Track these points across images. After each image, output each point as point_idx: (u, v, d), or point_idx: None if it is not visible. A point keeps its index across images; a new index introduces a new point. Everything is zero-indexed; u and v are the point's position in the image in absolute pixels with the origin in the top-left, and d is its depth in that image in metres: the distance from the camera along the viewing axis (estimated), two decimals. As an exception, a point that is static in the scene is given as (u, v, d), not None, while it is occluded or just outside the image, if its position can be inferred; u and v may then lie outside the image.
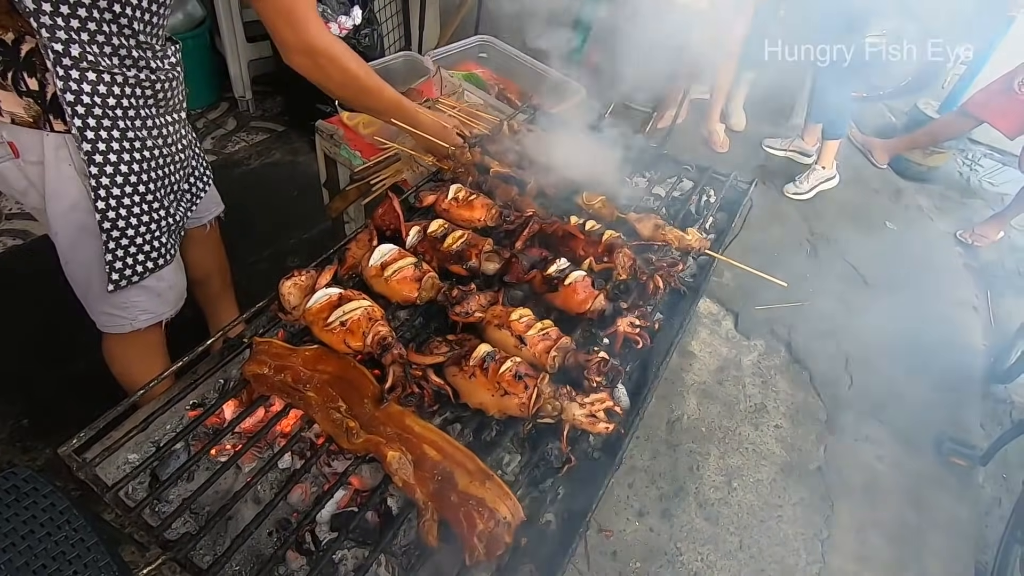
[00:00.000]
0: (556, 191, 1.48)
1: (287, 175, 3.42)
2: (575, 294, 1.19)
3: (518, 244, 1.29)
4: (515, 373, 1.00)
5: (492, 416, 1.04)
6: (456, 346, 1.08)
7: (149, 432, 1.09)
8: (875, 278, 3.47)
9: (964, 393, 3.01)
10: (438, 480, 0.93)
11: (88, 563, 1.06)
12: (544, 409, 0.99)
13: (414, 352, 1.07)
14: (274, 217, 3.12)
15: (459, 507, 0.90)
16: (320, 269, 1.19)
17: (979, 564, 2.38)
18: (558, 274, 1.21)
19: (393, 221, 1.27)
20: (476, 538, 0.86)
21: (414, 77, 2.41)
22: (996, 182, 4.31)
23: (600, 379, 1.06)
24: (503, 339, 1.11)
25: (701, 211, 1.57)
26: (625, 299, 1.21)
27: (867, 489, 2.56)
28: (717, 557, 2.25)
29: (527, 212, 1.36)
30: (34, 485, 1.11)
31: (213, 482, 0.98)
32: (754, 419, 2.73)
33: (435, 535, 0.88)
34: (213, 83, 3.67)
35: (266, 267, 2.90)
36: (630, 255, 1.27)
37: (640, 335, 1.14)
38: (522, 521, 0.90)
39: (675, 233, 1.37)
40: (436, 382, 1.04)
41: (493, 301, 1.17)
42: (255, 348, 1.10)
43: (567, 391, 1.00)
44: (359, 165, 2.14)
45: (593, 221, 1.34)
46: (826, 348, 3.06)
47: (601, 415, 1.00)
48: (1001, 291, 3.58)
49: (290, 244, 3.03)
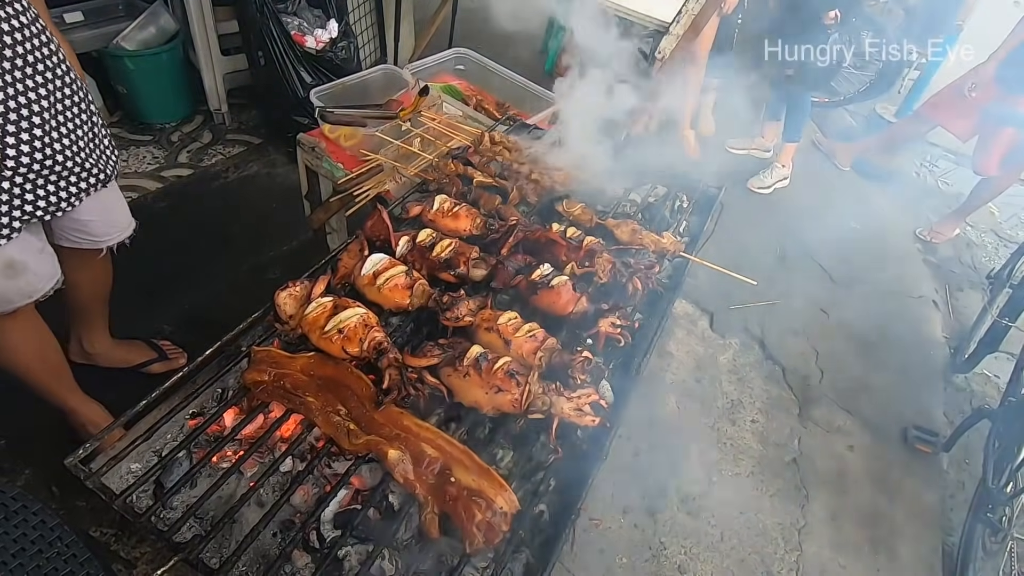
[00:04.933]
0: (537, 199, 1.54)
1: (265, 187, 3.41)
2: (559, 297, 1.25)
3: (503, 251, 1.35)
4: (507, 371, 1.06)
5: (485, 414, 1.10)
6: (448, 349, 1.13)
7: (151, 442, 1.11)
8: (841, 276, 3.62)
9: (927, 383, 3.15)
10: (437, 476, 0.98)
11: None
12: (535, 404, 1.05)
13: (409, 355, 1.12)
14: (253, 230, 3.10)
15: (458, 500, 0.95)
16: (314, 279, 1.23)
17: (946, 545, 2.49)
18: (542, 279, 1.27)
19: (383, 232, 1.32)
20: (475, 528, 0.92)
21: (393, 89, 2.46)
22: (951, 182, 4.51)
23: (585, 376, 1.12)
24: (493, 341, 1.17)
25: (675, 215, 1.65)
26: (606, 301, 1.28)
27: (839, 478, 2.66)
28: (700, 550, 2.32)
29: (511, 220, 1.42)
30: (23, 503, 1.10)
31: (218, 487, 1.01)
32: (731, 415, 2.82)
33: (437, 527, 0.94)
34: (188, 96, 3.65)
35: (246, 280, 2.89)
36: (609, 259, 1.34)
37: (621, 334, 1.21)
38: (518, 511, 0.95)
39: (651, 237, 1.44)
40: (432, 382, 1.10)
41: (482, 306, 1.23)
42: (254, 357, 1.14)
43: (555, 387, 1.07)
44: (341, 177, 2.17)
45: (573, 228, 1.41)
46: (797, 344, 3.17)
47: (587, 409, 1.07)
48: (959, 285, 3.76)
49: (269, 256, 3.02)
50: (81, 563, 1.06)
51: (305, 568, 1.00)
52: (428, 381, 1.10)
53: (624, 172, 1.87)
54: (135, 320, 2.22)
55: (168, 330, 2.53)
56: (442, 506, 0.96)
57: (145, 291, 2.61)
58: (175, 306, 2.63)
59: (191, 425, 1.15)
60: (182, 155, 3.49)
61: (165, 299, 2.65)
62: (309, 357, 1.14)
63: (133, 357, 2.24)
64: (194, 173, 3.38)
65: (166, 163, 3.36)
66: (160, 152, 3.42)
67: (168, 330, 2.53)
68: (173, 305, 2.63)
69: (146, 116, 3.52)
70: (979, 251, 4.13)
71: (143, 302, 2.53)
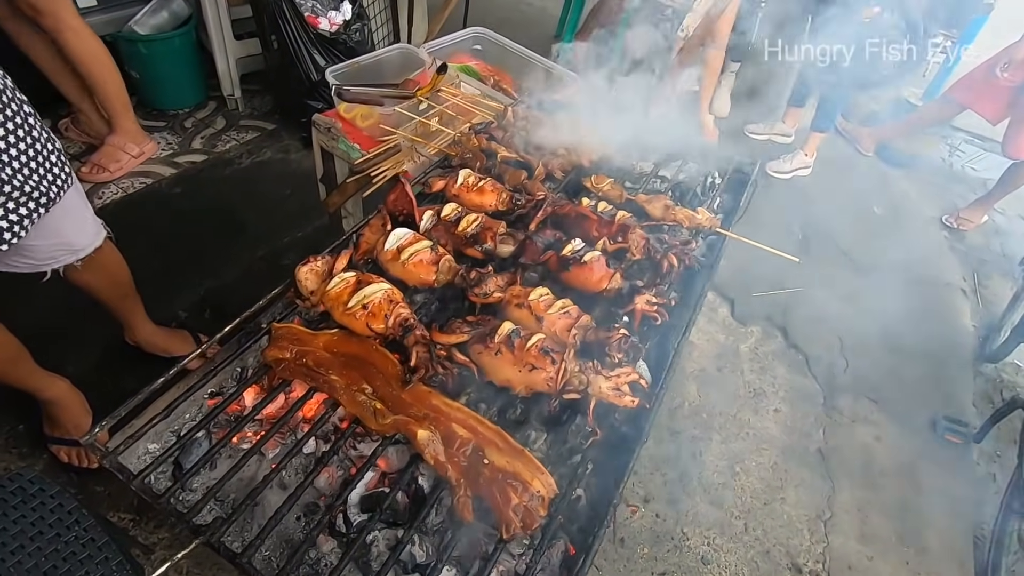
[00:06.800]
0: (564, 175, 1.48)
1: (279, 173, 3.38)
2: (592, 273, 1.19)
3: (532, 226, 1.30)
4: (542, 348, 1.01)
5: (517, 394, 1.04)
6: (478, 326, 1.08)
7: (169, 422, 1.07)
8: (866, 263, 3.53)
9: (955, 373, 3.07)
10: (469, 458, 0.93)
11: (100, 562, 1.03)
12: (571, 383, 0.99)
13: (438, 331, 1.06)
14: (267, 216, 3.08)
15: (492, 483, 0.90)
16: (335, 254, 1.18)
17: (977, 539, 2.42)
18: (574, 254, 1.21)
19: (406, 206, 1.27)
20: (512, 512, 0.86)
21: (409, 69, 2.39)
22: (978, 168, 4.39)
23: (621, 355, 1.06)
24: (524, 318, 1.11)
25: (707, 193, 1.58)
26: (641, 277, 1.22)
27: (866, 468, 2.59)
28: (723, 541, 2.26)
29: (538, 195, 1.36)
30: (40, 486, 1.08)
31: (239, 469, 0.97)
32: (753, 404, 2.75)
33: (471, 511, 0.88)
34: (200, 82, 3.61)
35: (261, 267, 2.86)
36: (643, 235, 1.27)
37: (658, 312, 1.15)
38: (556, 495, 0.90)
39: (685, 212, 1.38)
40: (461, 360, 1.04)
41: (511, 282, 1.17)
42: (275, 333, 1.09)
43: (593, 365, 1.01)
44: (358, 158, 2.12)
45: (604, 203, 1.35)
46: (820, 333, 3.09)
47: (626, 388, 1.01)
48: (988, 273, 3.66)
49: (284, 243, 2.99)
50: (99, 547, 1.03)
51: (331, 553, 0.96)
52: (457, 359, 1.05)
53: (649, 149, 1.81)
54: (150, 306, 2.20)
55: (184, 316, 2.52)
56: (475, 489, 0.91)
57: (160, 277, 2.58)
58: (190, 292, 2.62)
59: (210, 405, 1.10)
60: (196, 141, 3.46)
61: (180, 285, 2.64)
62: (332, 334, 1.09)
63: (174, 348, 2.23)
64: (208, 159, 3.36)
65: (180, 149, 3.34)
66: (174, 138, 3.40)
67: (184, 316, 2.52)
68: (188, 291, 2.62)
69: (159, 103, 3.50)
70: (1008, 238, 4.02)
71: (158, 288, 2.50)
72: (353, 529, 0.95)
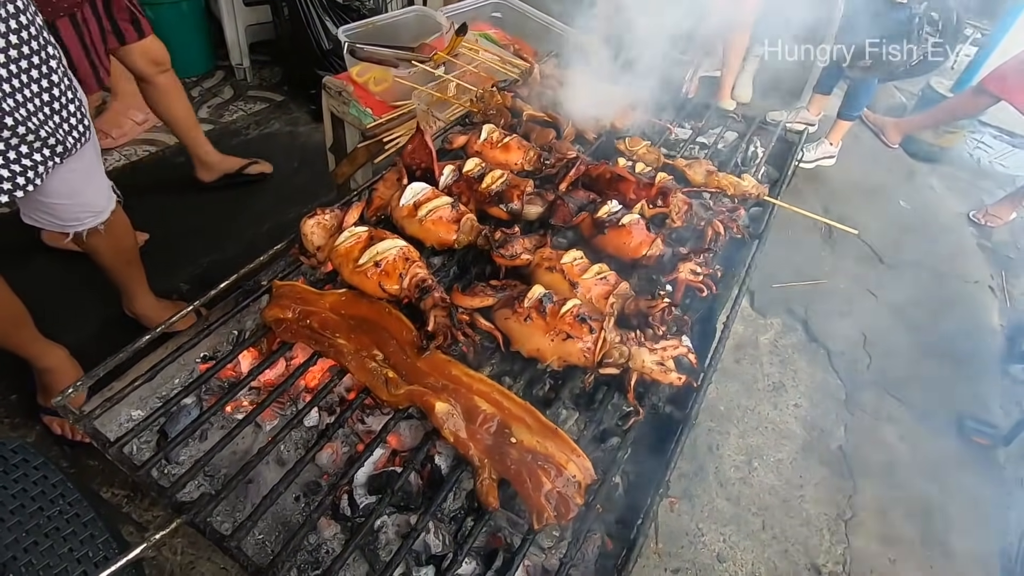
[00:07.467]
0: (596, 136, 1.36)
1: (287, 146, 3.29)
2: (630, 237, 1.07)
3: (562, 186, 1.17)
4: (578, 315, 0.88)
5: (547, 367, 0.92)
6: (504, 290, 0.95)
7: (155, 387, 0.96)
8: (890, 257, 3.41)
9: (982, 373, 2.95)
10: (494, 435, 0.81)
11: (84, 539, 0.95)
12: (610, 355, 0.87)
13: (460, 294, 0.94)
14: (273, 189, 3.00)
15: (521, 465, 0.78)
16: (346, 208, 1.06)
17: (1005, 544, 2.32)
18: (610, 216, 1.08)
19: (424, 159, 1.14)
20: (544, 499, 0.75)
21: (425, 33, 2.26)
22: (1007, 164, 4.25)
23: (665, 328, 0.94)
24: (555, 283, 0.99)
25: (748, 161, 1.46)
26: (684, 244, 1.10)
27: (889, 468, 2.49)
28: (740, 538, 2.17)
29: (569, 155, 1.23)
30: (24, 456, 1.01)
31: (232, 439, 0.85)
32: (773, 398, 2.65)
33: (496, 496, 0.76)
34: (208, 50, 3.51)
35: (265, 241, 2.75)
36: (686, 199, 1.15)
37: (704, 282, 1.03)
38: (593, 481, 0.78)
39: (730, 179, 1.25)
40: (485, 326, 0.92)
41: (540, 244, 1.04)
42: (276, 292, 0.97)
43: (635, 336, 0.88)
44: (370, 123, 2.00)
45: (642, 164, 1.22)
46: (843, 327, 2.98)
47: (671, 364, 0.89)
48: (1016, 272, 3.53)
49: (290, 218, 2.90)
50: (84, 523, 0.95)
51: (334, 539, 0.84)
52: (481, 325, 0.92)
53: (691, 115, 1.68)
54: (152, 278, 2.13)
55: (185, 288, 2.49)
56: (501, 471, 0.79)
57: (162, 249, 2.53)
58: (193, 264, 2.58)
59: (202, 369, 0.99)
60: (203, 110, 3.38)
61: (182, 257, 2.59)
62: (340, 294, 0.97)
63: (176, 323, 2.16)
64: (214, 129, 3.28)
65: (186, 118, 3.23)
66: (180, 107, 3.29)
67: (185, 288, 2.49)
68: (191, 263, 2.58)
69: (167, 70, 3.39)
70: (1038, 237, 3.88)
71: (160, 260, 2.46)
72: (359, 513, 0.83)
